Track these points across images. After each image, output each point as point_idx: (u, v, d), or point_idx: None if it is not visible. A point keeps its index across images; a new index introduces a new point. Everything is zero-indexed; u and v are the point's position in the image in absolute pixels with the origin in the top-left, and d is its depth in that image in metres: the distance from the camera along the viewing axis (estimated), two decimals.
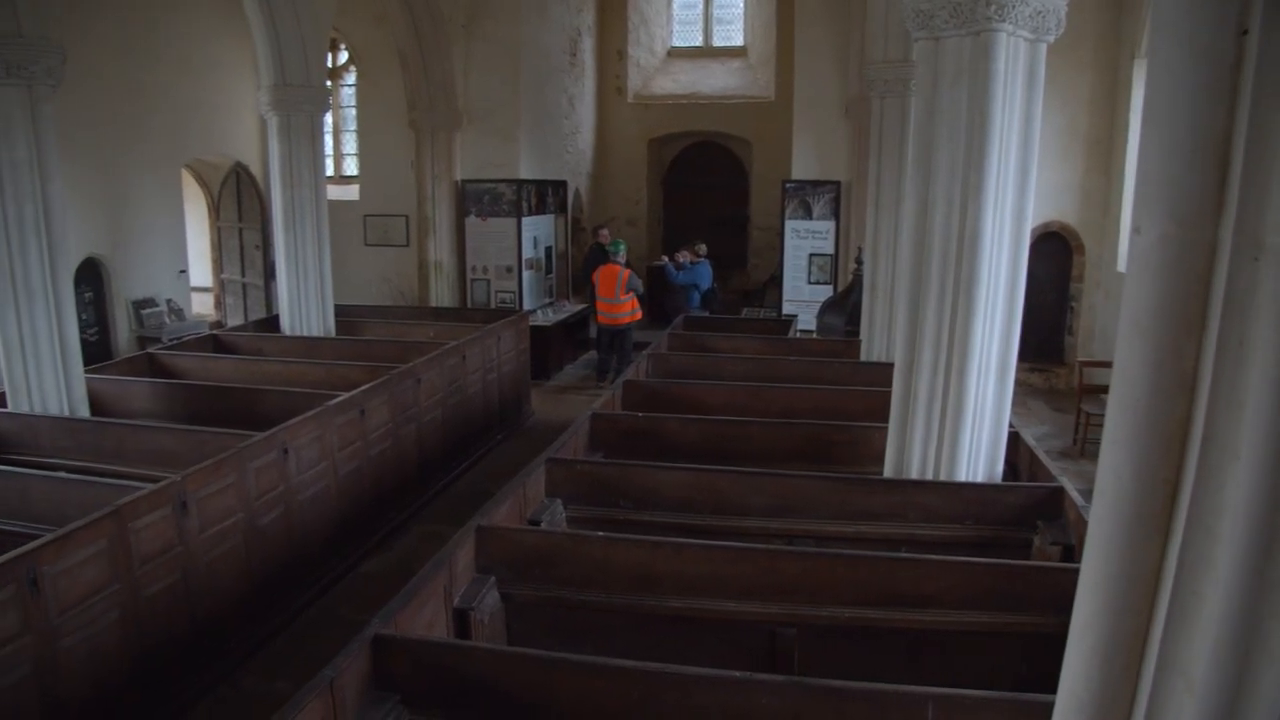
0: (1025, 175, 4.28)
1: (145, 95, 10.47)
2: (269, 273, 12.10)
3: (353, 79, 13.44)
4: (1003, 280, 4.33)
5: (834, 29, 11.34)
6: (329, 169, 12.23)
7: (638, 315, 11.16)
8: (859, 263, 9.11)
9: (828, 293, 11.26)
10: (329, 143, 13.26)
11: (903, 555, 3.91)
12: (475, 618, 3.54)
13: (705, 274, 11.96)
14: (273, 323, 9.32)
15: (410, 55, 11.76)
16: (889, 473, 4.68)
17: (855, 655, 3.55)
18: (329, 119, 12.62)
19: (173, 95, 10.93)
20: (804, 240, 11.79)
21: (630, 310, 10.96)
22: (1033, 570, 3.68)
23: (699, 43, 16.98)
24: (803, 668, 3.51)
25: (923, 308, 4.37)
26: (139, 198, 10.51)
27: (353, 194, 13.25)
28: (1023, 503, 4.38)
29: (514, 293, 12.21)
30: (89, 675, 3.98)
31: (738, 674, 2.81)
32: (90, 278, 9.95)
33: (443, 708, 2.97)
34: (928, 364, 4.39)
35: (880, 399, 5.26)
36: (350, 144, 13.93)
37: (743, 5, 16.59)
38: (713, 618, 3.67)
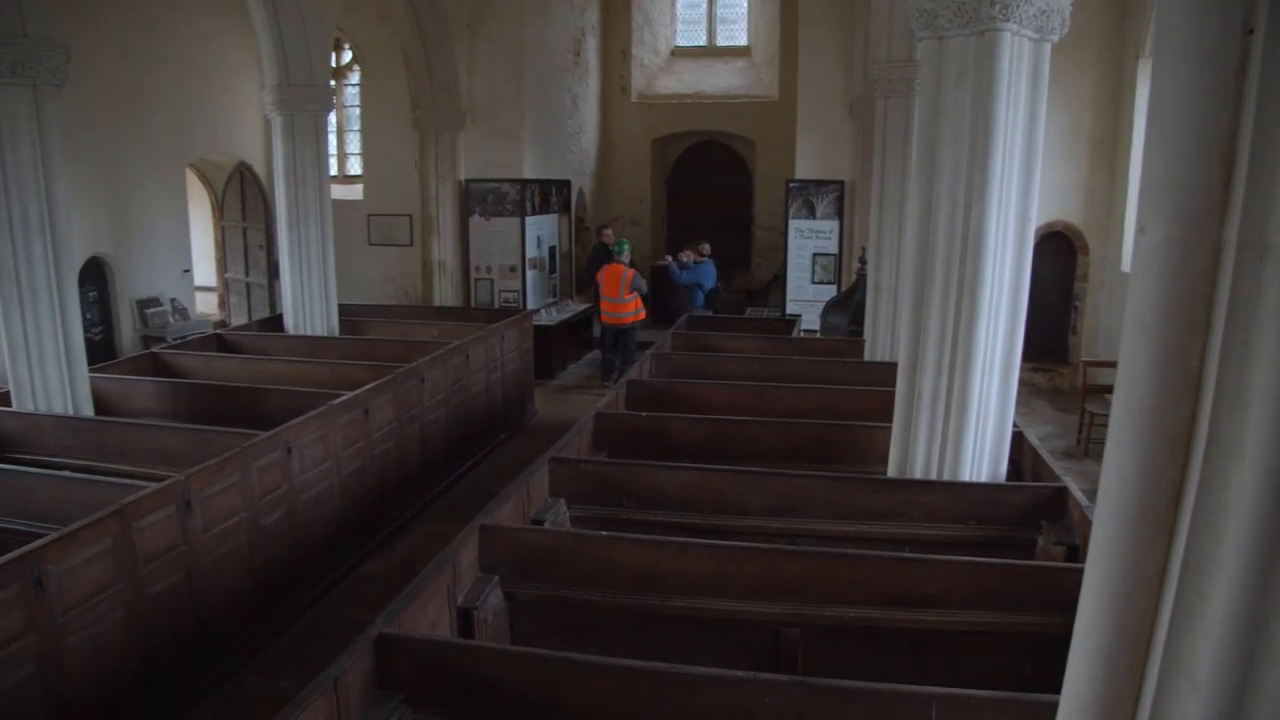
0: (1029, 175, 4.27)
1: (149, 95, 10.49)
2: (273, 272, 12.12)
3: (357, 78, 13.46)
4: (1007, 280, 4.32)
5: (838, 28, 11.33)
6: (333, 168, 12.27)
7: (641, 315, 11.16)
8: (863, 262, 9.11)
9: (831, 292, 11.26)
10: (333, 142, 13.28)
11: (906, 555, 3.90)
12: (479, 617, 3.54)
13: (709, 273, 11.95)
14: (276, 322, 9.33)
15: (414, 54, 11.78)
16: (893, 472, 4.68)
17: (859, 655, 3.55)
18: (333, 118, 12.64)
19: (177, 95, 10.96)
20: (808, 240, 11.79)
21: (634, 310, 10.96)
22: (1036, 570, 3.67)
23: (703, 42, 16.98)
24: (806, 668, 3.51)
25: (927, 307, 4.37)
26: (143, 197, 10.53)
27: (357, 193, 13.27)
28: (1026, 503, 4.38)
29: (518, 292, 12.22)
30: (93, 674, 3.99)
31: (741, 674, 2.80)
32: (95, 277, 9.98)
33: (446, 707, 2.97)
34: (932, 363, 4.39)
35: (884, 399, 5.25)
36: (354, 143, 13.95)
37: (746, 5, 16.58)
38: (716, 617, 3.67)
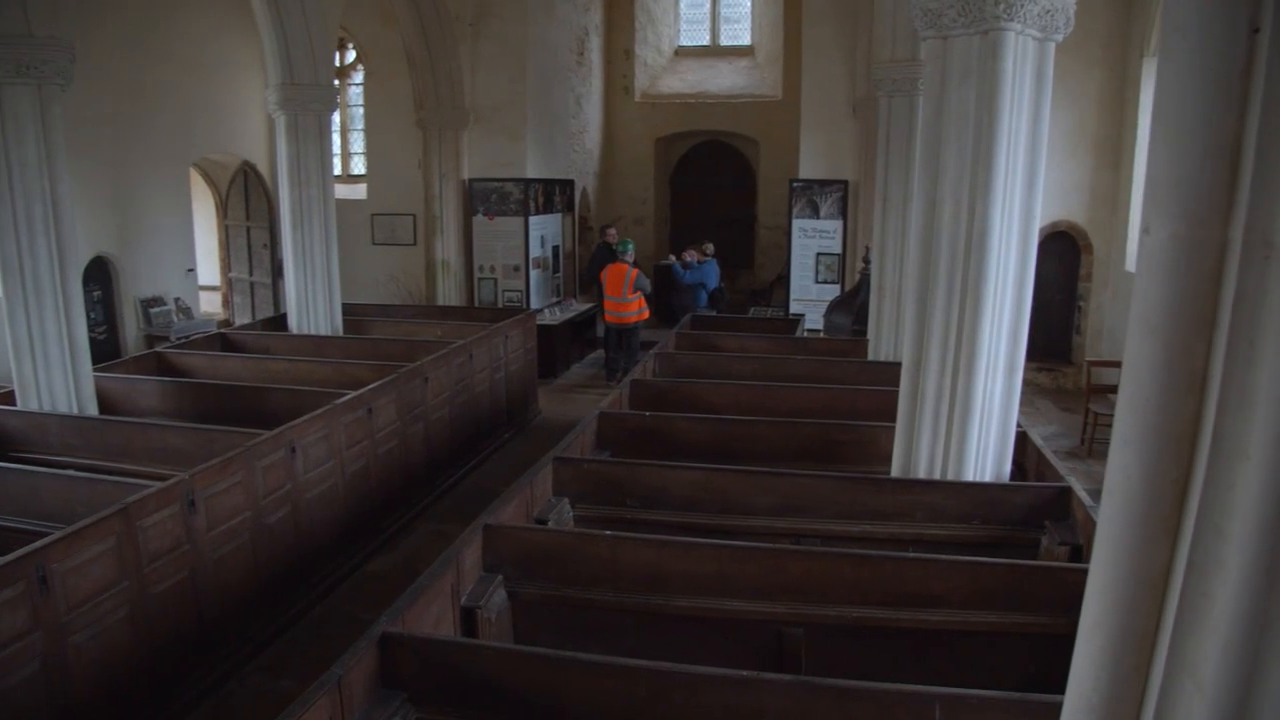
0: (1033, 174, 4.26)
1: (153, 94, 10.51)
2: (276, 271, 12.14)
3: (360, 78, 13.47)
4: (1010, 279, 4.31)
5: (841, 28, 11.33)
6: (336, 168, 12.27)
7: (645, 314, 11.16)
8: (866, 262, 9.10)
9: (835, 292, 11.26)
10: (336, 141, 13.29)
11: (910, 555, 3.89)
12: (482, 616, 3.55)
13: (712, 273, 11.95)
14: (280, 321, 9.35)
15: (417, 54, 11.79)
16: (896, 472, 4.67)
17: (862, 655, 3.55)
18: (336, 118, 12.64)
19: (180, 94, 10.97)
20: (811, 239, 11.79)
21: (638, 309, 10.97)
22: (1040, 570, 3.66)
23: (706, 42, 16.98)
24: (810, 667, 3.51)
25: (930, 307, 4.36)
26: (147, 197, 10.55)
27: (360, 193, 13.29)
28: (1030, 503, 4.37)
29: (521, 291, 12.23)
30: (97, 672, 4.00)
31: (745, 673, 2.80)
32: (99, 276, 10.00)
33: (450, 706, 2.98)
34: (935, 363, 4.38)
35: (887, 398, 5.24)
36: (358, 143, 13.96)
37: (750, 4, 16.58)
38: (720, 617, 3.67)
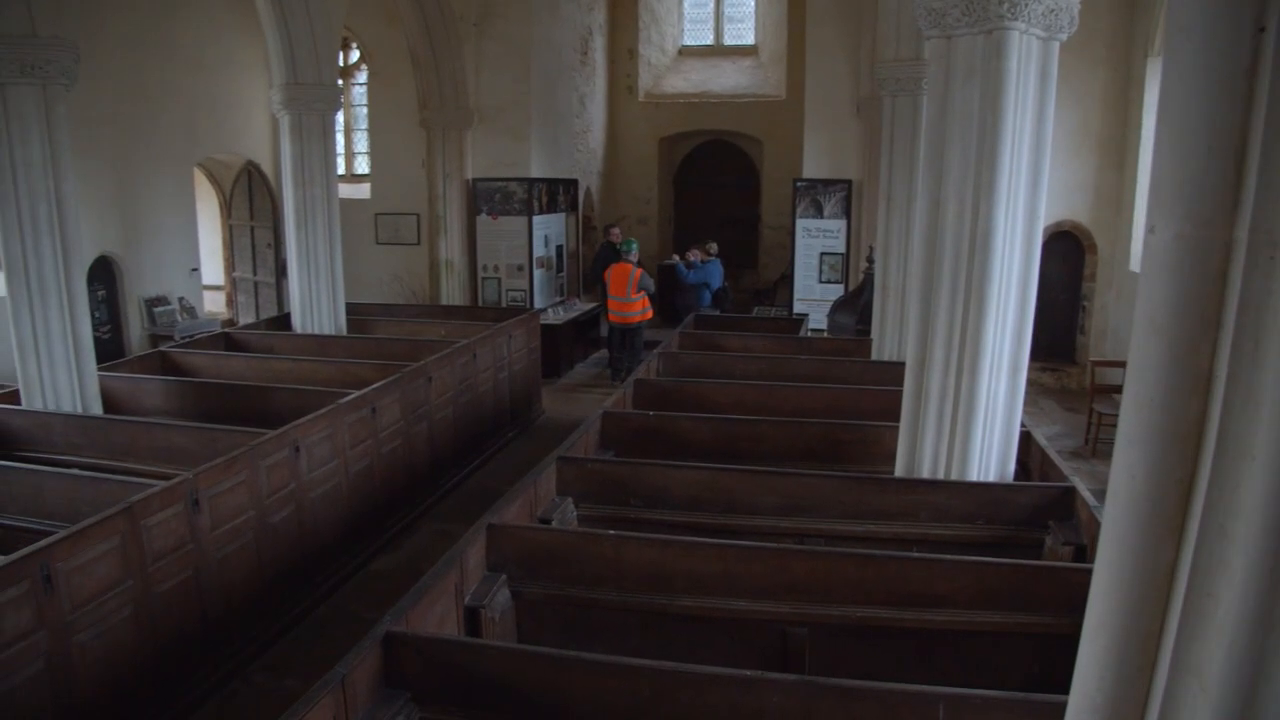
0: (1037, 174, 4.25)
1: (157, 94, 10.53)
2: (280, 271, 12.16)
3: (364, 78, 13.48)
4: (1015, 279, 4.31)
5: (845, 28, 11.31)
6: (340, 167, 12.30)
7: (649, 314, 11.16)
8: (870, 261, 9.09)
9: (839, 292, 11.24)
10: (340, 141, 13.31)
11: (914, 555, 3.89)
12: (486, 615, 3.55)
13: (716, 273, 11.94)
14: (284, 321, 9.36)
15: (421, 54, 11.80)
16: (900, 472, 4.67)
17: (866, 655, 3.55)
18: (340, 117, 12.66)
19: (185, 94, 10.99)
20: (815, 239, 11.77)
21: (641, 309, 10.97)
22: (1044, 570, 3.66)
23: (710, 41, 16.97)
24: (814, 667, 3.51)
25: (934, 307, 4.36)
26: (151, 196, 10.57)
27: (364, 192, 13.30)
28: (1034, 503, 4.37)
29: (525, 291, 12.23)
30: (102, 671, 4.01)
31: (749, 673, 2.80)
32: (103, 276, 10.02)
33: (453, 706, 2.98)
34: (939, 363, 4.38)
35: (891, 398, 5.24)
36: (362, 142, 13.97)
37: (754, 4, 16.57)
38: (724, 617, 3.67)
